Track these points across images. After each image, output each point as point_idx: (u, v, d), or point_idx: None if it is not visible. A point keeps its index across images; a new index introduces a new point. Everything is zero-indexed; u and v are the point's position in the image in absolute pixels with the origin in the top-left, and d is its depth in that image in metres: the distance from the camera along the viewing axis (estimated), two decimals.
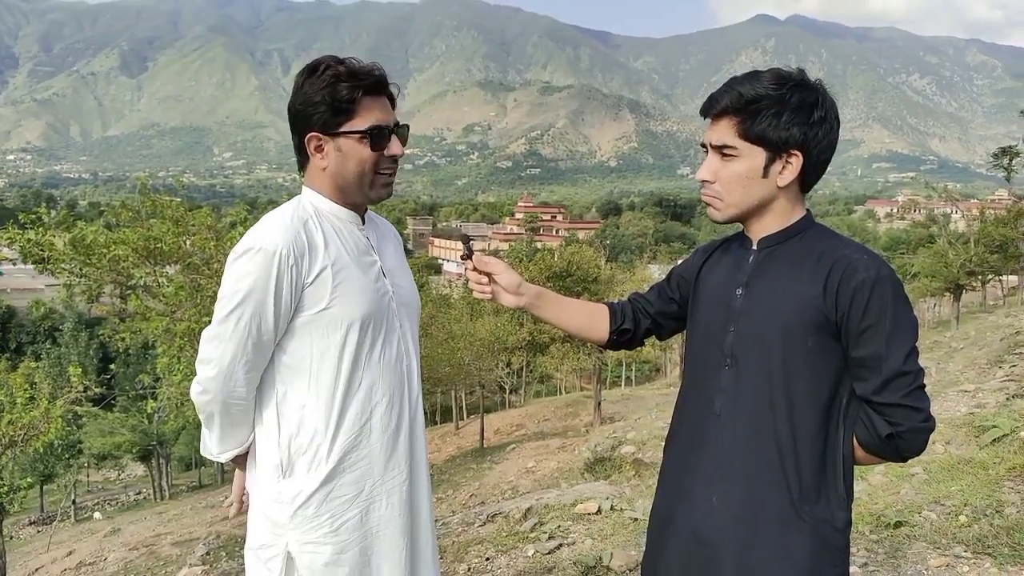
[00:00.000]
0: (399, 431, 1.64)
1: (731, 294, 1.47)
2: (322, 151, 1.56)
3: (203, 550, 7.63)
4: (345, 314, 1.53)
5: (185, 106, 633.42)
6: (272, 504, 1.57)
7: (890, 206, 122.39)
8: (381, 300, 1.61)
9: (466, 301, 22.97)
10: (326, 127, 1.53)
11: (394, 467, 1.62)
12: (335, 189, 1.60)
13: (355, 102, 1.52)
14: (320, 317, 1.52)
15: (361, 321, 1.54)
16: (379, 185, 1.60)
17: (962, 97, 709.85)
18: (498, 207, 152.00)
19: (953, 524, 3.70)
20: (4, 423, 7.17)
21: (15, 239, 8.22)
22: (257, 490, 1.62)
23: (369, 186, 1.59)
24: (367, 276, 1.60)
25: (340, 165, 1.56)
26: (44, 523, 21.92)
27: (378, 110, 1.55)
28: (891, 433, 1.34)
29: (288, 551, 1.56)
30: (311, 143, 1.55)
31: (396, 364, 1.64)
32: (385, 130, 1.56)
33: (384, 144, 1.56)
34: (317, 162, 1.57)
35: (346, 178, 1.57)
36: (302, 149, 1.58)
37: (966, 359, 10.42)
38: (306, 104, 1.52)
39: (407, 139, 1.63)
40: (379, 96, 1.57)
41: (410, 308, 1.73)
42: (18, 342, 47.51)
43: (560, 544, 4.18)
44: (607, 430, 12.72)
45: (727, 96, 1.39)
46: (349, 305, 1.54)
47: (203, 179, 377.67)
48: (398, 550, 1.62)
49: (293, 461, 1.56)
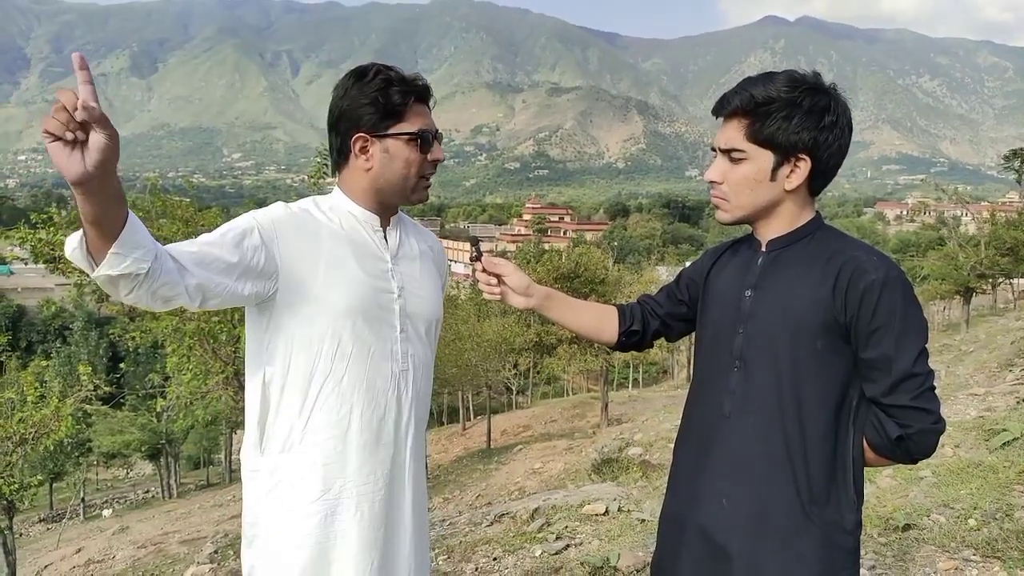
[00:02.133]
0: (380, 437, 1.60)
1: (740, 296, 1.47)
2: (367, 152, 1.58)
3: (211, 548, 7.66)
4: (330, 304, 1.54)
5: (195, 107, 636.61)
6: (252, 478, 1.60)
7: (900, 208, 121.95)
8: (376, 297, 1.60)
9: (473, 302, 23.01)
10: (375, 129, 1.56)
11: (369, 475, 1.58)
12: (372, 191, 1.62)
13: (406, 106, 1.57)
14: (307, 303, 1.53)
15: (345, 313, 1.54)
16: (421, 188, 1.64)
17: (973, 99, 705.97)
18: (506, 208, 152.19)
19: (962, 528, 3.68)
20: (15, 421, 7.22)
21: (26, 239, 8.29)
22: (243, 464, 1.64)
23: (412, 189, 1.62)
24: (365, 272, 1.59)
25: (385, 166, 1.58)
26: (53, 521, 22.08)
27: (423, 116, 1.61)
28: (901, 435, 1.33)
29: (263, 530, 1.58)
30: (356, 144, 1.58)
31: (390, 366, 1.62)
32: (432, 134, 1.61)
33: (430, 148, 1.61)
34: (360, 163, 1.59)
35: (389, 180, 1.60)
36: (343, 151, 1.61)
37: (976, 362, 10.37)
38: (355, 106, 1.55)
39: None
40: (423, 104, 1.62)
41: (420, 317, 1.70)
42: (29, 341, 47.86)
43: (567, 545, 4.18)
44: (614, 431, 12.72)
45: (739, 97, 1.39)
46: (335, 296, 1.54)
47: (213, 180, 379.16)
48: (363, 563, 1.57)
49: (270, 438, 1.58)
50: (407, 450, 1.65)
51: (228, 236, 1.46)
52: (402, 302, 1.65)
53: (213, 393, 9.61)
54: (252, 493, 1.60)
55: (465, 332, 18.16)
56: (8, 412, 7.40)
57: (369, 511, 1.58)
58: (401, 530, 1.65)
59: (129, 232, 1.20)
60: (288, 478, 1.56)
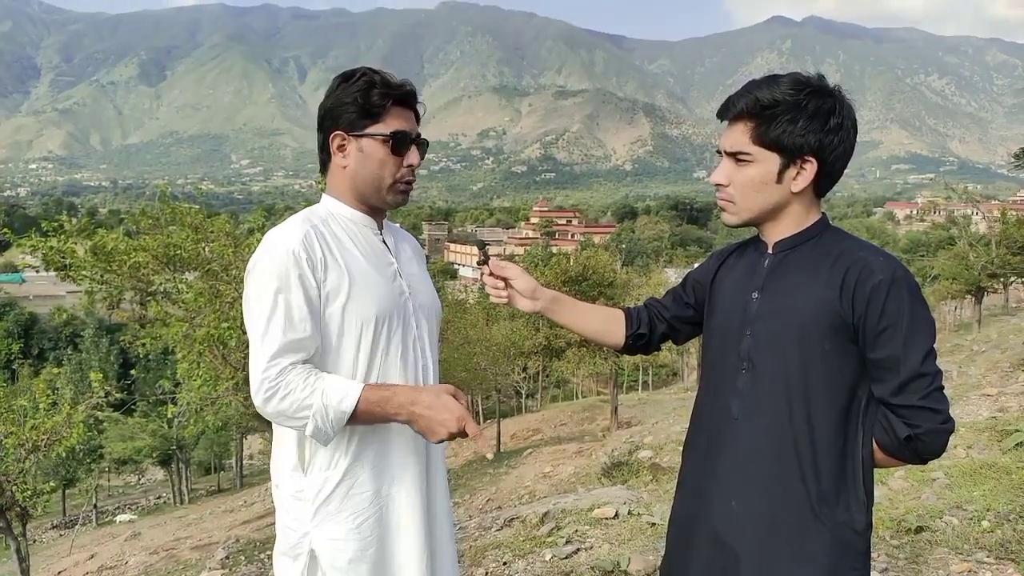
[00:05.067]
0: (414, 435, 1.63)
1: (747, 298, 1.47)
2: (344, 150, 1.62)
3: (222, 554, 7.68)
4: (360, 311, 1.56)
5: (203, 114, 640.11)
6: (294, 502, 1.61)
7: (910, 208, 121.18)
8: (398, 299, 1.64)
9: (482, 306, 22.99)
10: (352, 127, 1.60)
11: (411, 466, 1.63)
12: (353, 191, 1.65)
13: (384, 108, 1.60)
14: (336, 315, 1.55)
15: (376, 318, 1.57)
16: (396, 191, 1.65)
17: (982, 97, 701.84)
18: (513, 212, 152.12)
19: (975, 529, 3.65)
20: (27, 428, 7.25)
21: (38, 246, 8.33)
22: (280, 489, 1.65)
23: (386, 190, 1.64)
24: (383, 276, 1.63)
25: (360, 165, 1.62)
26: (66, 527, 22.17)
27: (403, 120, 1.63)
28: (910, 435, 1.33)
29: (312, 548, 1.59)
30: (334, 141, 1.62)
31: (412, 364, 1.66)
32: (407, 137, 1.62)
33: (404, 151, 1.63)
34: (338, 160, 1.64)
35: (364, 178, 1.63)
36: (325, 148, 1.66)
37: (988, 362, 10.30)
38: (336, 104, 1.61)
39: (425, 154, 1.70)
40: (406, 109, 1.65)
41: (428, 311, 1.74)
42: (40, 348, 48.22)
43: (577, 549, 4.17)
44: (624, 434, 12.69)
45: (743, 100, 1.40)
46: (365, 303, 1.57)
47: (221, 186, 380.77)
48: (417, 548, 1.62)
49: (313, 457, 1.59)
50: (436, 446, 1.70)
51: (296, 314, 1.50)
52: (413, 301, 1.69)
53: (223, 399, 9.63)
54: (297, 514, 1.61)
55: (474, 336, 18.15)
56: (21, 419, 7.44)
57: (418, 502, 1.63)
58: (439, 524, 1.72)
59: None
60: (338, 492, 1.58)
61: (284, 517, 1.63)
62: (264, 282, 1.51)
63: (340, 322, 1.55)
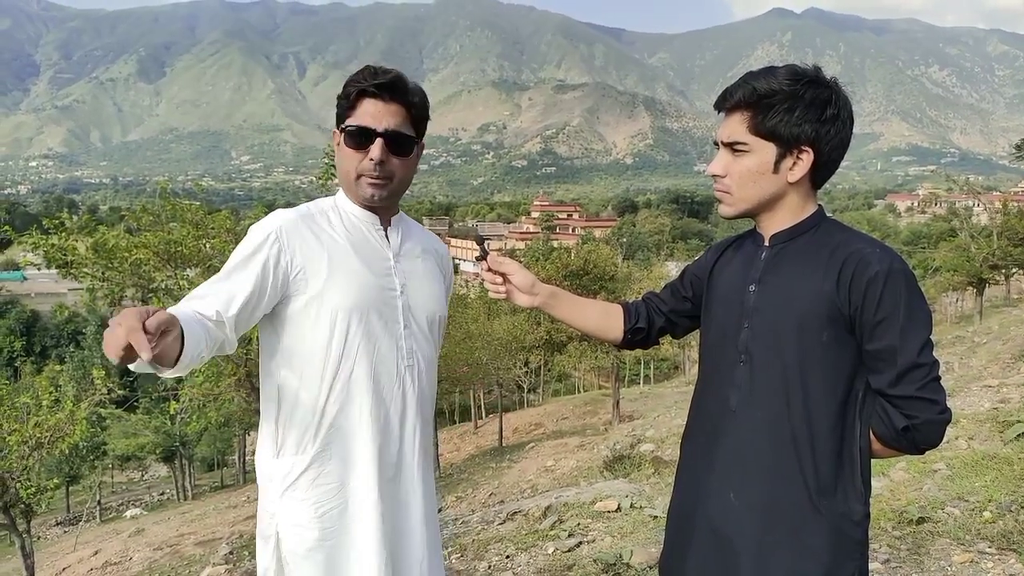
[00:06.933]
0: (388, 432, 1.62)
1: (744, 291, 1.47)
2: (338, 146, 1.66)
3: (226, 550, 7.71)
4: (336, 301, 1.57)
5: (203, 110, 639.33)
6: (268, 482, 1.63)
7: (911, 200, 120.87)
8: (381, 294, 1.63)
9: (483, 300, 22.98)
10: (338, 123, 1.64)
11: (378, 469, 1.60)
12: (343, 184, 1.70)
13: (349, 101, 1.61)
14: (314, 301, 1.57)
15: (351, 310, 1.57)
16: (364, 185, 1.62)
17: (983, 88, 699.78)
18: (514, 206, 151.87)
19: (977, 520, 3.66)
20: (31, 426, 7.27)
21: (39, 244, 8.34)
22: (258, 471, 1.68)
23: (355, 184, 1.63)
24: (369, 269, 1.62)
25: (338, 160, 1.67)
26: (70, 523, 22.24)
27: (372, 113, 1.58)
28: (907, 426, 1.34)
29: (277, 531, 1.61)
30: (334, 137, 1.68)
31: (396, 363, 1.64)
32: (364, 131, 1.58)
33: (360, 144, 1.59)
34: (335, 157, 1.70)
35: (339, 173, 1.68)
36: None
37: (989, 354, 10.30)
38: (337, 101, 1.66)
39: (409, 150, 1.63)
40: (379, 100, 1.58)
41: (422, 310, 1.71)
42: (42, 346, 48.25)
43: (580, 542, 4.18)
44: (626, 428, 12.71)
45: (741, 90, 1.40)
46: (341, 293, 1.57)
47: (222, 182, 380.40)
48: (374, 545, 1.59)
49: (284, 441, 1.61)
50: (415, 445, 1.68)
51: (247, 270, 1.51)
52: (405, 299, 1.68)
53: (225, 395, 9.65)
54: (268, 496, 1.63)
55: (475, 331, 18.15)
56: (24, 416, 7.46)
57: (380, 505, 1.60)
58: (411, 525, 1.68)
59: (186, 357, 1.31)
60: (304, 478, 1.58)
61: (262, 498, 1.66)
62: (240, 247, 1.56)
63: (316, 310, 1.56)
